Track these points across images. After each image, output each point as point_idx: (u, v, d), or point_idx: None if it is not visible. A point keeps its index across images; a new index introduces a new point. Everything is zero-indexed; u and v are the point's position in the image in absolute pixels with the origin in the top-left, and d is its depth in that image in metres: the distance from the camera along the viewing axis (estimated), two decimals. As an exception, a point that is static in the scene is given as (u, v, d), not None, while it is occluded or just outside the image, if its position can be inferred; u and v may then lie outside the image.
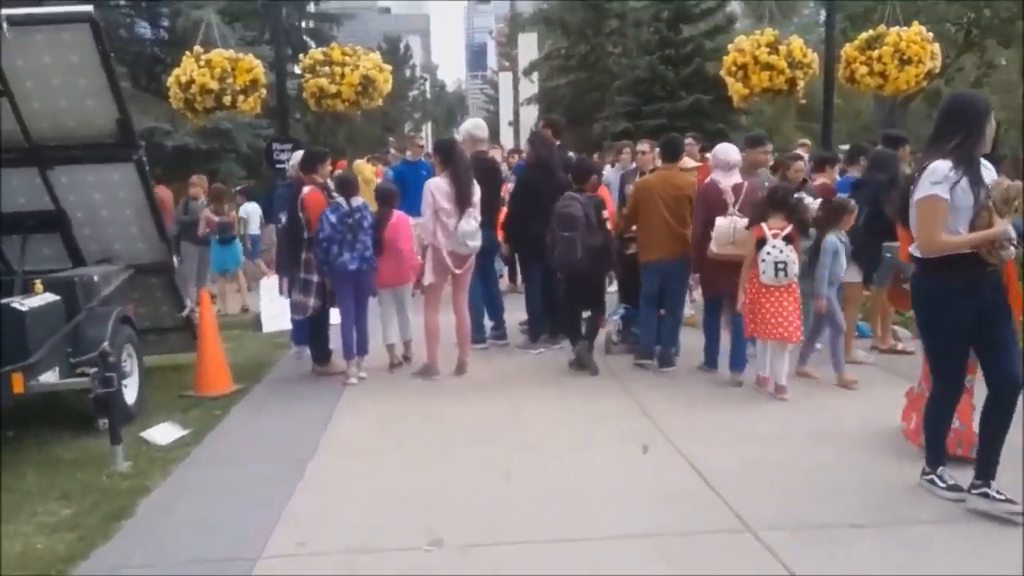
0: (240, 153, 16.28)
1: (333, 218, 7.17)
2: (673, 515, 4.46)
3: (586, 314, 7.77)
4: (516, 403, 6.65)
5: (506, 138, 44.78)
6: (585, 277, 7.44)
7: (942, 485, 4.58)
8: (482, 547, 4.12)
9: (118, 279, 7.18)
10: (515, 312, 8.97)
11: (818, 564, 3.87)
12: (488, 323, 8.78)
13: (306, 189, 7.41)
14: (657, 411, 6.31)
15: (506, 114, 55.99)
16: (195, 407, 6.91)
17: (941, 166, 4.21)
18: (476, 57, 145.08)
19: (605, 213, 7.41)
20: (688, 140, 9.40)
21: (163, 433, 6.13)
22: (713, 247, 6.77)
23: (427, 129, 55.73)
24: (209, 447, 5.91)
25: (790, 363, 6.73)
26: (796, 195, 6.97)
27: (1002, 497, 4.30)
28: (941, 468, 4.64)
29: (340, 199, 7.27)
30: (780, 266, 6.33)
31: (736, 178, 7.01)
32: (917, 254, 4.40)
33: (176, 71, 10.00)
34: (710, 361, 7.35)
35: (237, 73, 9.90)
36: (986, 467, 4.38)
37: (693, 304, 9.11)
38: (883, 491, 4.69)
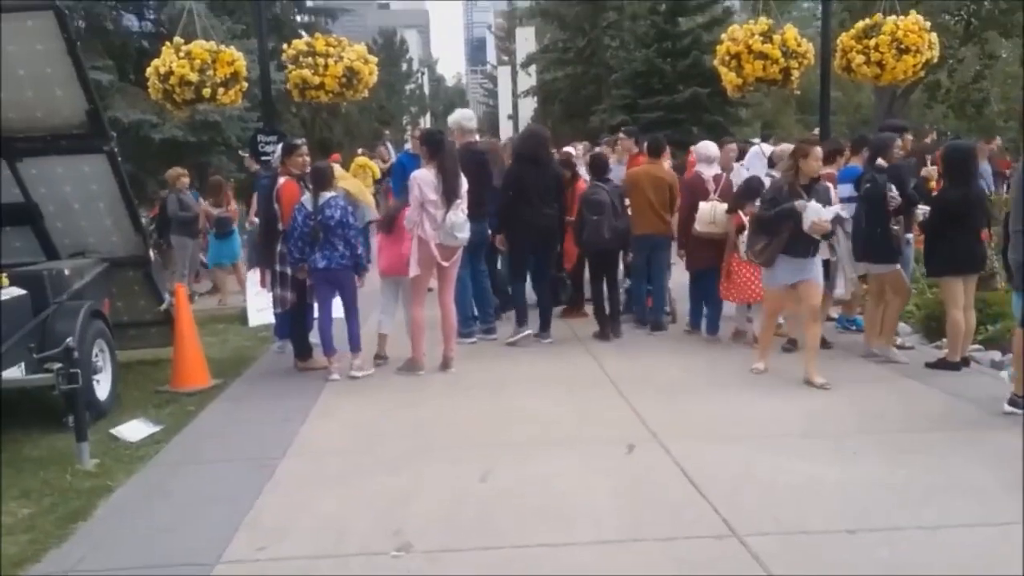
0: (230, 146, 16.06)
1: (299, 217, 6.98)
2: (656, 519, 4.25)
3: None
4: (500, 400, 6.45)
5: (506, 131, 44.64)
6: (609, 255, 8.39)
7: None
8: (452, 553, 3.91)
9: (91, 273, 6.99)
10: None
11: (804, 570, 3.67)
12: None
13: (281, 180, 7.22)
14: (645, 406, 6.11)
15: (505, 108, 55.85)
16: (170, 403, 6.73)
17: None
18: (475, 52, 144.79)
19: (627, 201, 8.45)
20: (621, 135, 10.68)
21: (133, 430, 5.93)
22: (697, 226, 8.00)
23: (426, 122, 55.51)
24: (179, 445, 5.72)
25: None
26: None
27: None
28: None
29: (305, 199, 7.06)
30: None
31: (716, 170, 8.37)
32: None
33: (155, 62, 9.78)
34: (694, 322, 8.55)
35: (218, 65, 9.67)
36: None
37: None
38: (875, 493, 4.50)
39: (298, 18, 28.26)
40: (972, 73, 24.90)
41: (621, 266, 8.74)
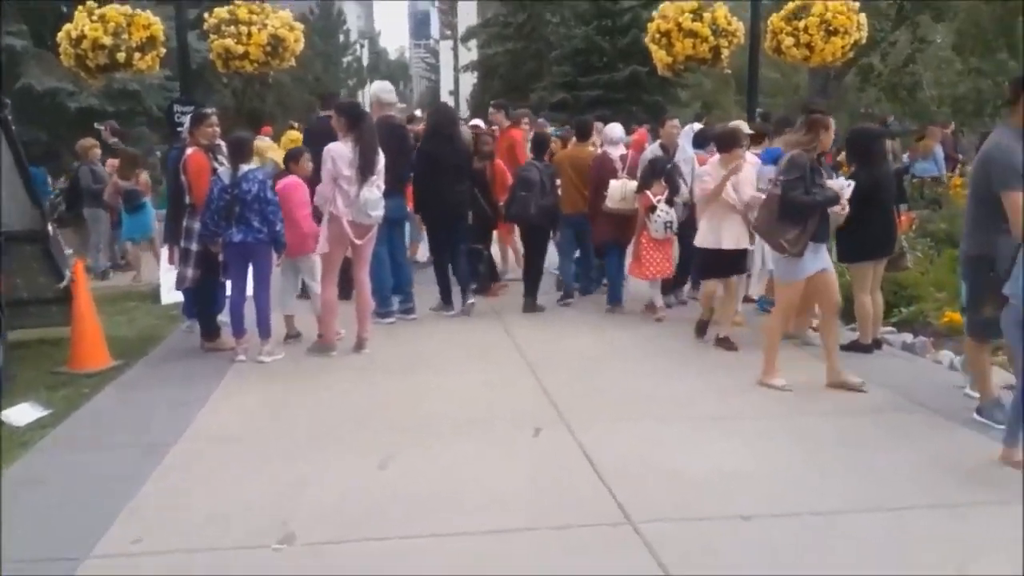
0: (152, 116, 15.53)
1: (215, 191, 6.72)
2: (555, 507, 4.15)
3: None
4: (411, 382, 6.29)
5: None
6: (537, 230, 8.68)
7: None
8: (338, 545, 3.76)
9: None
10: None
11: (697, 559, 3.61)
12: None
13: (189, 151, 6.93)
14: (557, 387, 6.04)
15: (447, 83, 55.34)
16: (66, 385, 6.43)
17: None
18: (419, 25, 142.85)
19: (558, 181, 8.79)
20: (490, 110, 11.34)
21: (20, 413, 5.65)
22: (608, 203, 8.24)
23: (364, 95, 54.65)
24: (68, 430, 5.45)
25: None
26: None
27: None
28: None
29: (222, 171, 6.79)
30: (668, 224, 7.91)
31: (622, 150, 8.85)
32: None
33: (67, 26, 9.38)
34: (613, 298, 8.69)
35: (133, 29, 9.36)
36: None
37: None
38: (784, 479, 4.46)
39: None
40: (904, 57, 25.24)
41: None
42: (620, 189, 8.27)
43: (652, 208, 7.89)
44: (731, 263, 7.12)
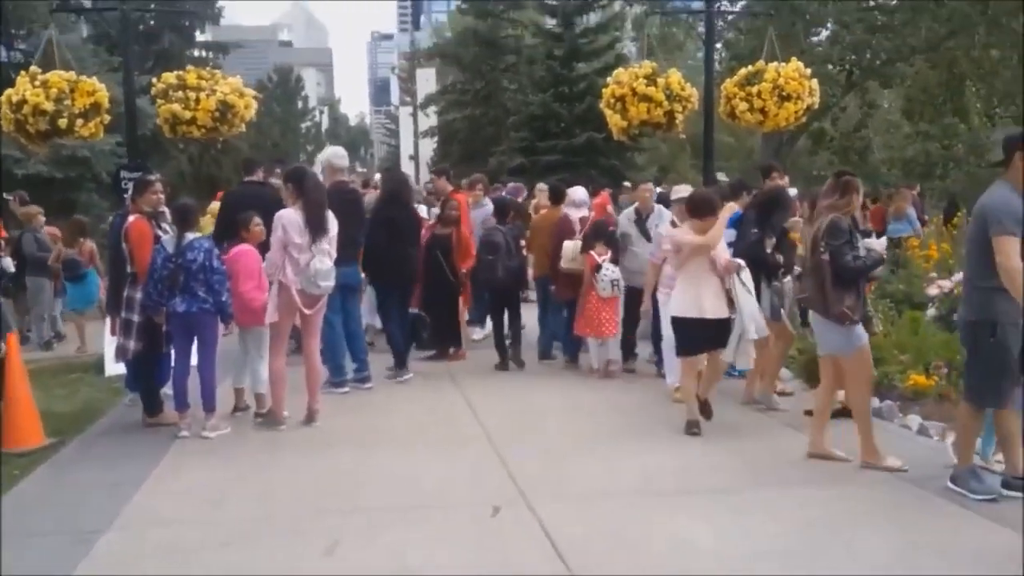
0: (102, 182, 15.22)
1: (158, 260, 6.47)
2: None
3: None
4: (362, 458, 5.99)
5: (407, 171, 44.40)
6: (506, 292, 8.86)
7: None
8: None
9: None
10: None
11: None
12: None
13: (130, 219, 6.67)
14: (517, 460, 5.77)
15: (407, 148, 55.69)
16: (-5, 465, 6.03)
17: None
18: (379, 92, 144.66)
19: (523, 242, 9.27)
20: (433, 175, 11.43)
21: (-58, 500, 5.25)
22: (562, 263, 8.52)
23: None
24: (-7, 516, 5.06)
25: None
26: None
27: None
28: None
29: (166, 239, 6.55)
30: (615, 283, 8.08)
31: (583, 212, 9.05)
32: None
33: (8, 91, 9.12)
34: (567, 350, 8.99)
35: (77, 95, 9.09)
36: None
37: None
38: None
39: (190, 53, 27.48)
40: (855, 121, 25.79)
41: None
42: (572, 249, 8.46)
43: (598, 268, 8.07)
44: (716, 333, 6.37)
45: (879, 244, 5.83)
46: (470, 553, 4.34)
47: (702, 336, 6.38)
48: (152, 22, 25.25)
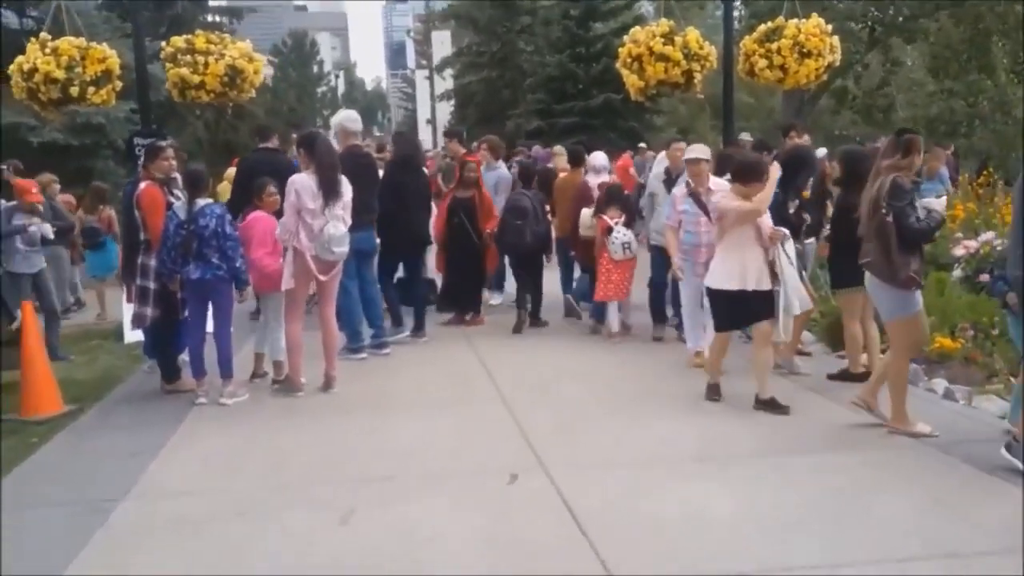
0: (117, 149, 15.17)
1: (171, 227, 6.42)
2: (530, 564, 3.82)
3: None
4: (379, 424, 5.96)
5: (425, 135, 44.19)
6: (532, 256, 8.92)
7: None
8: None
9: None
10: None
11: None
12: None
13: (142, 185, 6.62)
14: (535, 426, 5.72)
15: (424, 112, 55.37)
16: (14, 433, 6.03)
17: None
18: (395, 56, 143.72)
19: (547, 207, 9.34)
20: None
21: (-38, 467, 5.27)
22: (580, 229, 8.64)
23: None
24: (11, 483, 5.06)
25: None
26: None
27: None
28: None
29: (177, 206, 6.49)
30: (626, 246, 8.09)
31: (604, 177, 9.02)
32: None
33: (19, 59, 9.05)
34: (593, 313, 8.81)
35: (88, 63, 9.02)
36: None
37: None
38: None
39: (203, 18, 27.26)
40: (878, 79, 25.30)
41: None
42: (589, 216, 8.50)
43: (609, 230, 8.09)
44: (759, 306, 5.97)
45: (939, 204, 5.54)
46: (487, 521, 4.29)
47: (743, 310, 6.00)
48: (166, -14, 24.98)
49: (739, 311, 6.03)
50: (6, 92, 13.06)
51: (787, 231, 6.16)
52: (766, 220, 6.06)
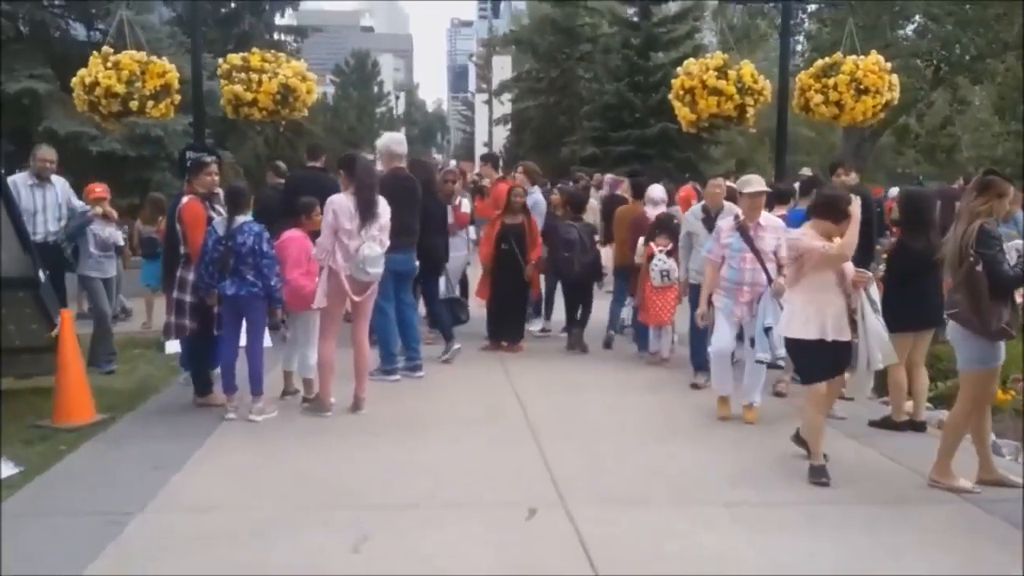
0: (174, 162, 15.45)
1: (209, 242, 6.47)
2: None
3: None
4: (403, 449, 5.89)
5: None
6: (582, 286, 9.27)
7: None
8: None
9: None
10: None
11: None
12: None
13: (184, 200, 6.69)
14: (558, 458, 5.61)
15: (482, 135, 55.75)
16: (44, 440, 6.09)
17: None
18: (458, 79, 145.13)
19: (596, 237, 9.70)
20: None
21: (-8, 470, 5.31)
22: (636, 258, 8.70)
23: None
24: (34, 491, 5.10)
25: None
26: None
27: None
28: None
29: (217, 222, 6.54)
30: (664, 273, 8.23)
31: (661, 209, 8.94)
32: None
33: (81, 72, 9.28)
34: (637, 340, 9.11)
35: (148, 77, 9.22)
36: None
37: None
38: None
39: (268, 36, 27.80)
40: (941, 118, 24.80)
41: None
42: (641, 245, 8.59)
43: (651, 257, 8.28)
44: (837, 358, 5.46)
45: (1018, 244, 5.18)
46: (499, 556, 4.18)
47: (822, 360, 5.43)
48: (233, 5, 25.54)
49: (818, 362, 5.45)
50: (69, 103, 13.42)
51: (871, 274, 5.73)
52: (849, 264, 5.51)
